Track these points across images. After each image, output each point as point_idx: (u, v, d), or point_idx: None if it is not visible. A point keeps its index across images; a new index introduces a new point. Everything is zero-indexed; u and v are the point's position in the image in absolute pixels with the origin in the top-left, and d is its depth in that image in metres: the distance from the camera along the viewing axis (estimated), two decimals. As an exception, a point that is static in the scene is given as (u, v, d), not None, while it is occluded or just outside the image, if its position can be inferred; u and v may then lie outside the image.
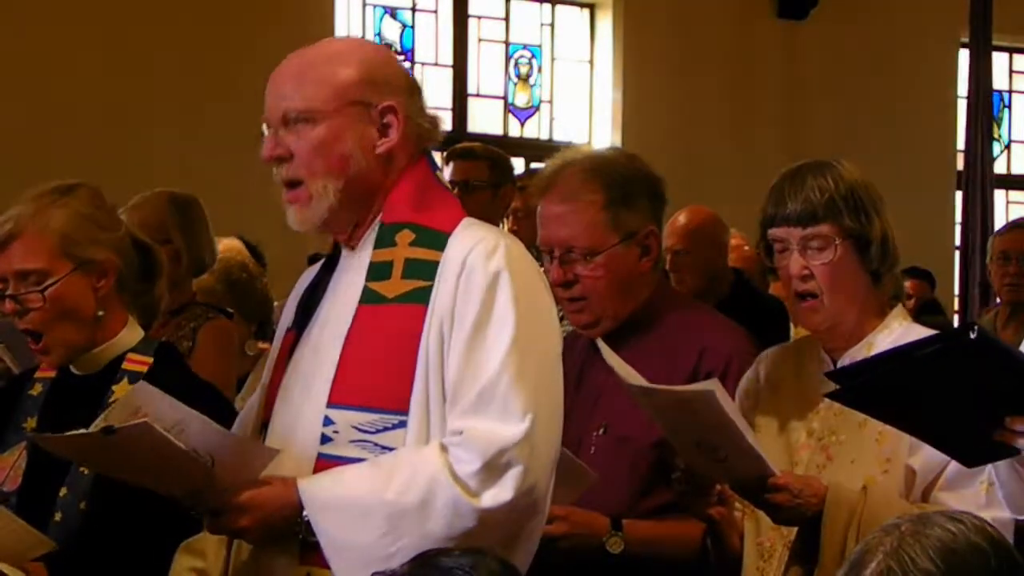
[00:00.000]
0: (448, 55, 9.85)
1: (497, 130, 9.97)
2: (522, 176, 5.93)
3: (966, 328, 2.38)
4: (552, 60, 10.25)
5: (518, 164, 7.42)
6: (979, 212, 9.56)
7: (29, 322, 3.12)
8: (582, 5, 10.30)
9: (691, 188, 7.52)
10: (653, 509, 3.31)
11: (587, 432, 3.37)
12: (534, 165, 8.48)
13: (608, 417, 3.37)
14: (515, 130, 10.13)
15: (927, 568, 1.92)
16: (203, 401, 2.83)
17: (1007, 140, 11.56)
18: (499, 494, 2.57)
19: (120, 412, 2.63)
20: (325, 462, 2.66)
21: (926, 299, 8.51)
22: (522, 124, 10.16)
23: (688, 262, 6.00)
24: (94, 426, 2.64)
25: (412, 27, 9.79)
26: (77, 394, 3.15)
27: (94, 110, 8.39)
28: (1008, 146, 11.58)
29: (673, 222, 6.00)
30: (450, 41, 9.89)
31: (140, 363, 3.15)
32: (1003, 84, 11.36)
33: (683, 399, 2.89)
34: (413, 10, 9.83)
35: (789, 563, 3.00)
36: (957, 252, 9.97)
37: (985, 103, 9.79)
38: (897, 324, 3.11)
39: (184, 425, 2.59)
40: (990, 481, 2.88)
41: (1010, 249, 6.42)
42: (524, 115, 10.17)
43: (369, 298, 2.73)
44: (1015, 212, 10.83)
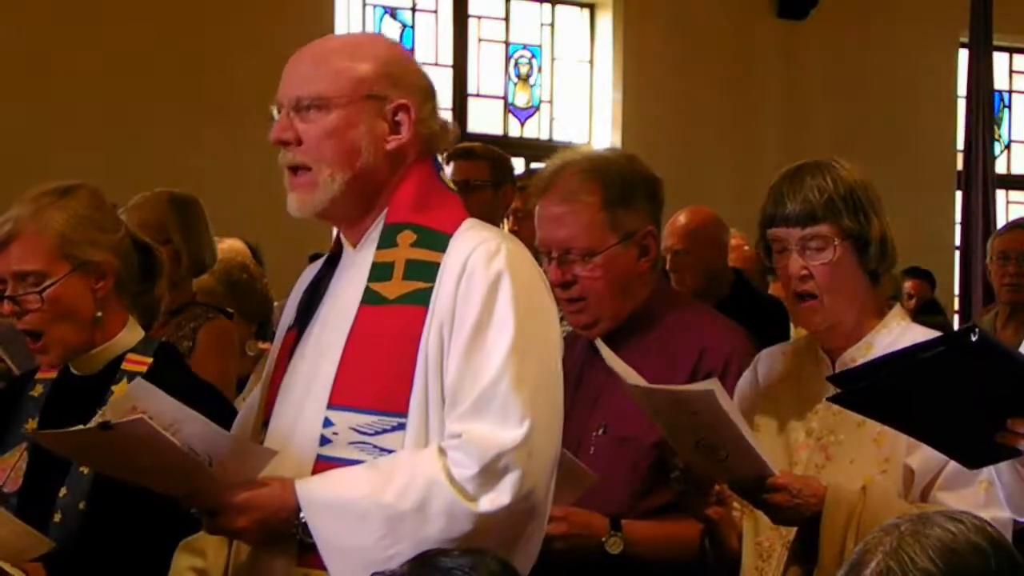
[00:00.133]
0: (448, 55, 9.85)
1: (497, 130, 9.97)
2: (522, 176, 5.92)
3: (967, 331, 2.37)
4: (552, 60, 10.25)
5: (518, 164, 7.41)
6: (980, 212, 9.55)
7: (28, 323, 3.11)
8: (582, 5, 10.30)
9: (691, 188, 7.53)
10: (652, 509, 3.30)
11: (586, 432, 3.37)
12: (534, 165, 8.48)
13: (607, 417, 3.37)
14: (515, 130, 10.13)
15: (927, 568, 1.92)
16: (203, 401, 2.82)
17: (1007, 140, 11.56)
18: (497, 498, 2.56)
19: (117, 409, 2.63)
20: (324, 463, 2.66)
21: (926, 299, 8.51)
22: (522, 124, 10.16)
23: (688, 262, 6.00)
24: (92, 423, 2.64)
25: (412, 27, 9.79)
26: (77, 395, 3.15)
27: (94, 110, 8.39)
28: (1008, 146, 11.58)
29: (673, 222, 6.01)
30: (450, 41, 9.89)
31: (139, 363, 3.14)
32: (1003, 84, 11.35)
33: (683, 399, 2.89)
34: (413, 10, 9.83)
35: (788, 563, 2.99)
36: (957, 252, 9.96)
37: (986, 103, 9.78)
38: (896, 324, 3.12)
39: (182, 424, 2.58)
40: (989, 480, 2.88)
41: (1009, 249, 6.41)
42: (524, 115, 10.17)
43: (370, 299, 2.72)
44: (1015, 212, 10.84)
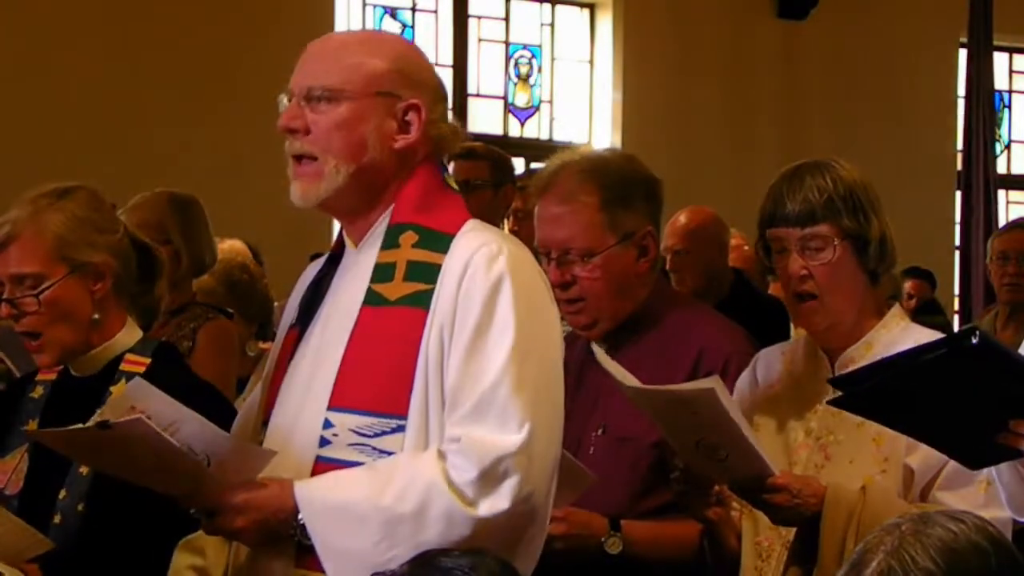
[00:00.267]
0: (448, 55, 9.85)
1: (497, 130, 9.97)
2: (522, 176, 5.92)
3: (968, 333, 2.37)
4: (552, 60, 10.25)
5: (518, 164, 7.41)
6: (981, 212, 9.55)
7: (26, 325, 3.11)
8: (582, 5, 10.30)
9: (690, 188, 7.53)
10: (652, 509, 3.30)
11: (586, 432, 3.37)
12: (534, 165, 8.48)
13: (607, 417, 3.37)
14: (515, 130, 10.13)
15: (928, 567, 1.92)
16: (202, 400, 2.82)
17: (1007, 140, 11.56)
18: (496, 503, 2.55)
19: (115, 408, 2.62)
20: (323, 465, 2.65)
21: (926, 299, 8.51)
22: (522, 124, 10.16)
23: (688, 262, 6.00)
24: (90, 422, 2.63)
25: (412, 27, 9.79)
26: (76, 396, 3.15)
27: (94, 110, 8.39)
28: (1008, 146, 11.58)
29: (674, 222, 6.01)
30: (450, 41, 9.89)
31: (138, 363, 3.14)
32: (1003, 84, 11.36)
33: (684, 398, 2.89)
34: (413, 10, 9.83)
35: (788, 563, 2.99)
36: (957, 252, 9.97)
37: (986, 103, 9.78)
38: (895, 324, 3.11)
39: (180, 425, 2.57)
40: (989, 480, 2.88)
41: (1009, 249, 6.41)
42: (524, 115, 10.17)
43: (372, 300, 2.71)
44: (1015, 212, 10.84)
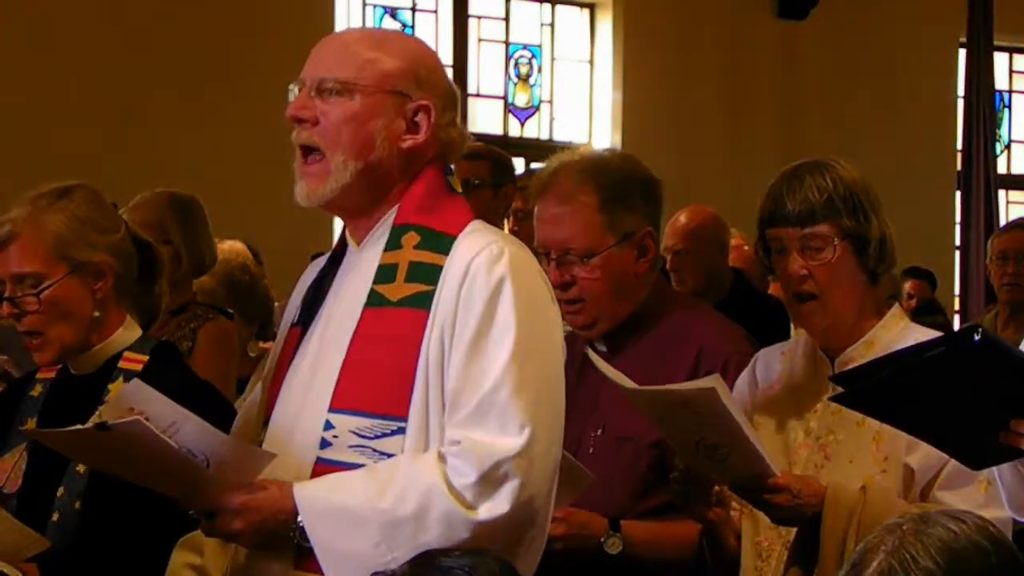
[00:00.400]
0: (448, 55, 9.84)
1: (497, 130, 9.97)
2: (522, 176, 5.91)
3: (970, 330, 2.36)
4: (552, 60, 10.25)
5: (518, 164, 7.41)
6: (981, 212, 9.55)
7: (27, 324, 3.12)
8: (582, 5, 10.30)
9: (690, 188, 7.52)
10: (651, 509, 3.30)
11: (585, 432, 3.37)
12: (534, 165, 8.48)
13: (606, 417, 3.37)
14: (515, 130, 10.13)
15: (928, 567, 1.92)
16: (200, 399, 2.82)
17: (1007, 140, 11.56)
18: (495, 507, 2.54)
19: (113, 409, 2.62)
20: (323, 466, 2.64)
21: (926, 299, 8.51)
22: (522, 124, 10.16)
23: (688, 262, 6.00)
24: (89, 423, 2.64)
25: (412, 27, 9.78)
26: (75, 394, 3.15)
27: (94, 109, 8.39)
28: (1008, 146, 11.58)
29: (674, 222, 6.01)
30: (450, 41, 9.89)
31: (136, 361, 3.14)
32: (1003, 84, 11.36)
33: (684, 397, 2.88)
34: (413, 10, 9.83)
35: (788, 564, 2.99)
36: (957, 252, 9.97)
37: (986, 103, 9.78)
38: (895, 323, 3.11)
39: (180, 426, 2.57)
40: (989, 480, 2.88)
41: (1009, 249, 6.41)
42: (524, 115, 10.17)
43: (374, 301, 2.71)
44: (1015, 212, 10.84)
